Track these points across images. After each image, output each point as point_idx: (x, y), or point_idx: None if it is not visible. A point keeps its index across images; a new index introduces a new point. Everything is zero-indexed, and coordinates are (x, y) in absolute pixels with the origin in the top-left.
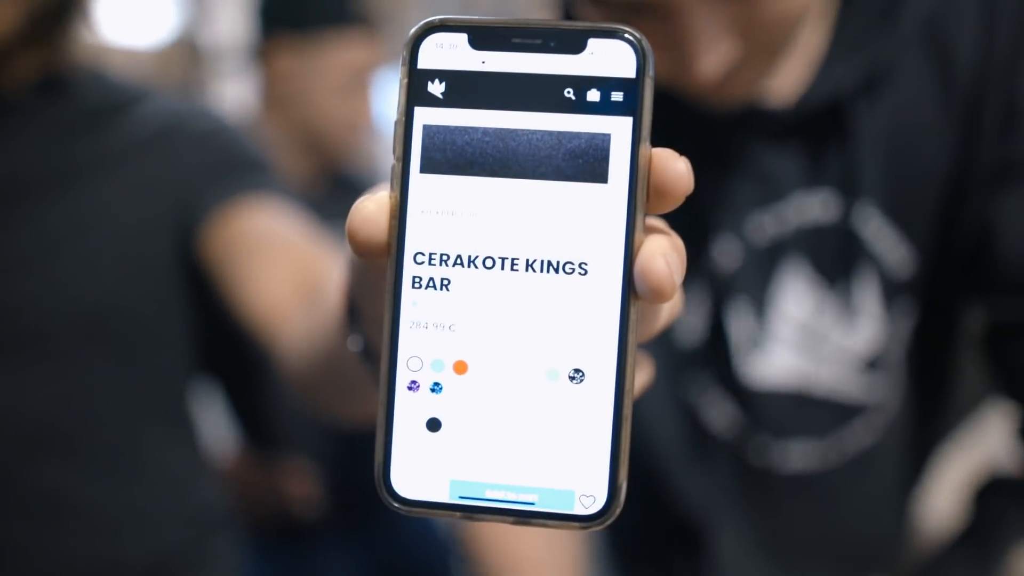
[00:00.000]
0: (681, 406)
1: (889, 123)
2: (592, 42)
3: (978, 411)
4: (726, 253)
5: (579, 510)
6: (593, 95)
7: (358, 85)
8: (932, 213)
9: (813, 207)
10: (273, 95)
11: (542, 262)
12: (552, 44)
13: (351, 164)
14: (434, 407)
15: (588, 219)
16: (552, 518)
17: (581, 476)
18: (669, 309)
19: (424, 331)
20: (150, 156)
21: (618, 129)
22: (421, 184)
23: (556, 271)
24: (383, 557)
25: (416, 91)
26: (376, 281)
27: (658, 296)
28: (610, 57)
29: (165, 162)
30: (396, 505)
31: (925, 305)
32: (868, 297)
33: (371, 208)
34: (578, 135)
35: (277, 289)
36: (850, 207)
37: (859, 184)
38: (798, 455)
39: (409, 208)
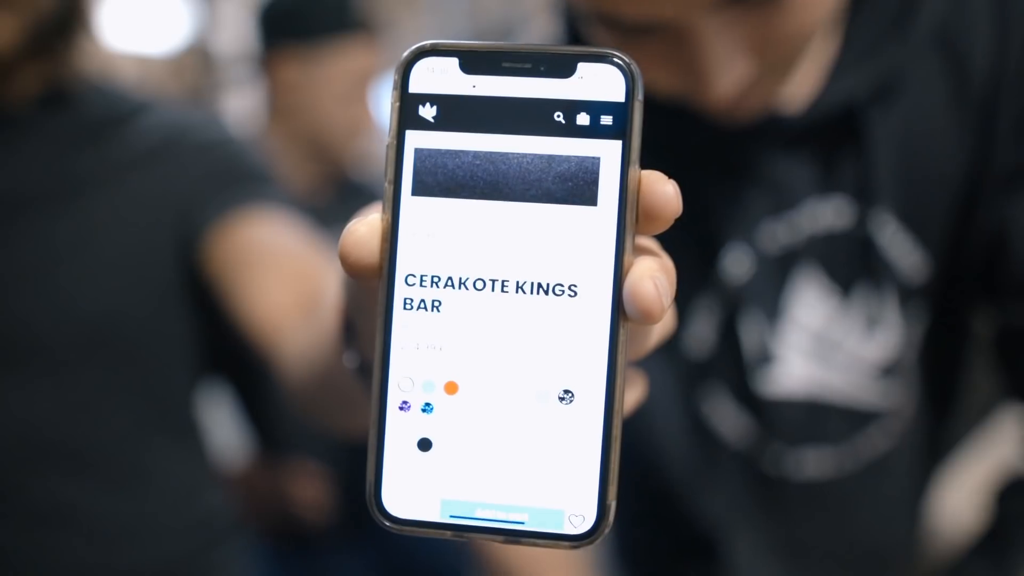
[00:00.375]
0: (693, 417)
1: (902, 129)
2: (582, 66)
3: (992, 415)
4: (738, 262)
5: (568, 529)
6: (583, 119)
7: (360, 91)
8: (946, 219)
9: (826, 214)
10: (278, 105)
11: (532, 284)
12: (542, 68)
13: (356, 169)
14: (425, 427)
15: (578, 241)
16: (541, 537)
17: (570, 496)
18: (660, 329)
19: (415, 352)
20: (152, 168)
21: (607, 152)
22: (413, 207)
23: (546, 293)
24: (393, 562)
25: (407, 115)
26: (370, 300)
27: (647, 318)
28: (599, 81)
29: (167, 174)
30: (387, 524)
31: (938, 309)
32: (882, 304)
33: (362, 231)
34: (568, 158)
35: (278, 300)
36: (864, 214)
37: (873, 191)
38: (813, 463)
39: (401, 230)
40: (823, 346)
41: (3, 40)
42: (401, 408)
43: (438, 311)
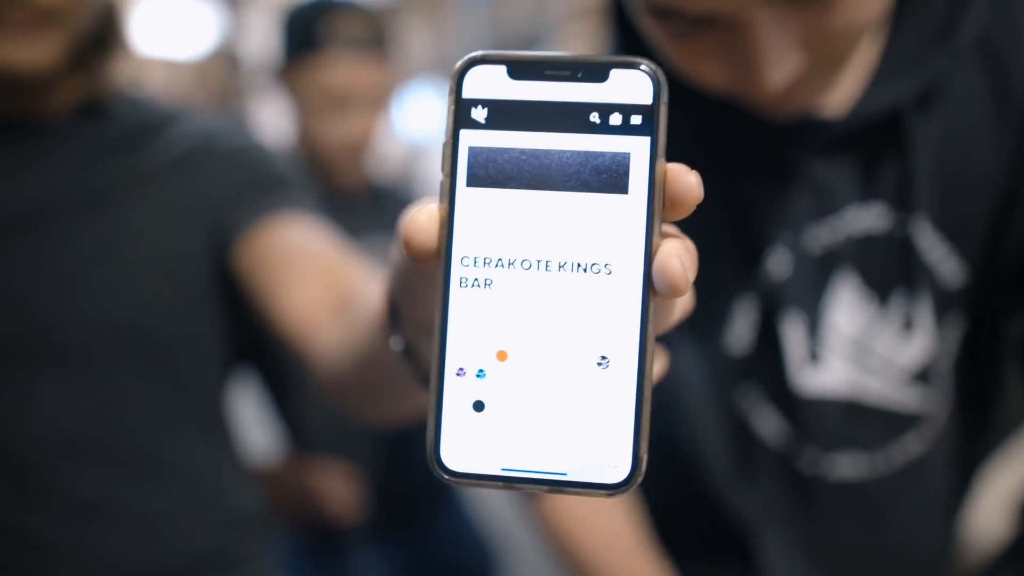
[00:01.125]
0: (731, 415)
1: (942, 136)
2: (614, 73)
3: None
4: (780, 264)
5: (606, 479)
6: (615, 118)
7: (340, 106)
8: (983, 226)
9: (867, 221)
10: (291, 115)
11: (572, 263)
12: (579, 75)
13: (384, 175)
14: (479, 391)
15: (612, 226)
16: (582, 486)
17: (607, 449)
18: (682, 305)
19: (470, 324)
20: (183, 175)
21: (637, 148)
22: (467, 197)
23: (584, 271)
24: (423, 560)
25: (461, 117)
26: (419, 285)
27: (674, 291)
28: (630, 85)
29: (198, 181)
30: (446, 477)
31: (973, 316)
32: (919, 310)
33: (423, 218)
34: (602, 153)
35: (310, 301)
36: (903, 220)
37: (913, 197)
38: (848, 465)
39: (456, 217)
40: (859, 350)
41: (49, 57)
42: (458, 374)
43: (490, 288)
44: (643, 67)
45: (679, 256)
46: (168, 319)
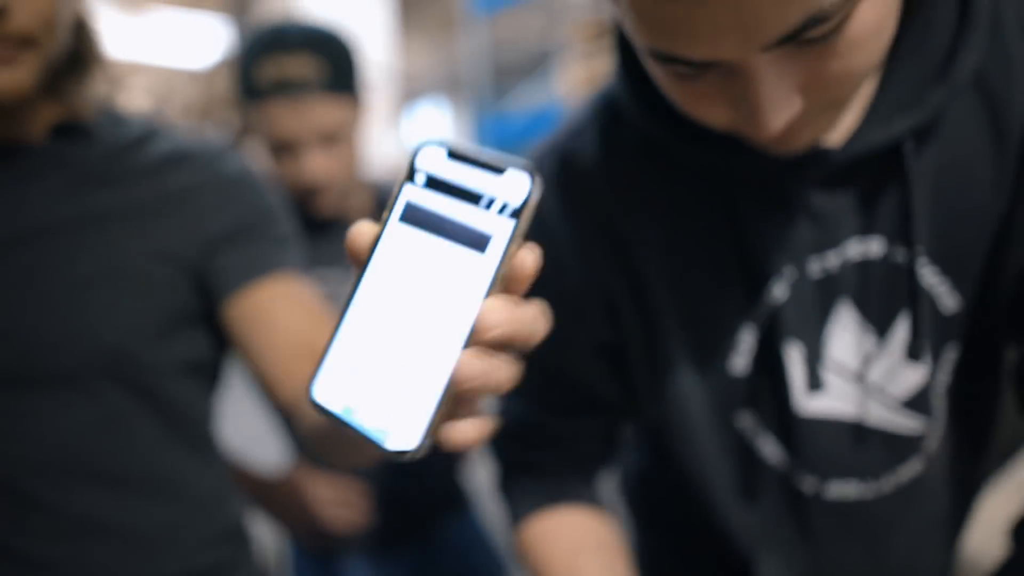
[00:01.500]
0: (733, 438)
1: (939, 169)
2: (510, 170)
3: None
4: (780, 292)
5: (395, 446)
6: (497, 204)
7: (286, 149)
8: (979, 258)
9: (866, 252)
10: None
11: (440, 288)
12: (488, 167)
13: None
14: (355, 353)
15: (471, 274)
16: (384, 449)
17: (409, 425)
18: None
19: (365, 308)
20: (172, 202)
21: (505, 226)
22: (395, 228)
23: (445, 296)
24: (431, 574)
25: (409, 176)
26: None
27: (479, 332)
28: (516, 182)
29: (187, 212)
30: (311, 404)
31: (969, 343)
32: (916, 339)
33: (364, 228)
34: (480, 225)
35: (295, 367)
36: (901, 251)
37: (911, 230)
38: (847, 487)
39: (383, 239)
40: (858, 377)
41: (26, 81)
42: (348, 339)
43: (386, 287)
44: (529, 173)
45: (495, 310)
46: (155, 343)
